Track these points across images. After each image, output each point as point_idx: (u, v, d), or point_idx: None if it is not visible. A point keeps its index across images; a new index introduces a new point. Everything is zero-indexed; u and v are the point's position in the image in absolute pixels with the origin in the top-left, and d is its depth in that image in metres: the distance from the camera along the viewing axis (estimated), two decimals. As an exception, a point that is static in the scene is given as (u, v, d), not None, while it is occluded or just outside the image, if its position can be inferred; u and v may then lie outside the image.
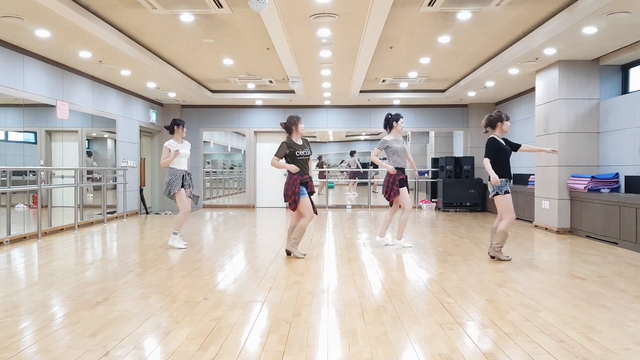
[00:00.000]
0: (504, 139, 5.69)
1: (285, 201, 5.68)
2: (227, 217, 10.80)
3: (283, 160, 5.71)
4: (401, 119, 6.52)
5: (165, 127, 6.65)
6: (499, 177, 5.47)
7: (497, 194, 5.54)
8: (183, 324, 3.33)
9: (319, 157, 19.99)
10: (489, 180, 5.53)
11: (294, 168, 5.58)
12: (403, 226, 6.44)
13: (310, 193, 5.72)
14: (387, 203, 6.68)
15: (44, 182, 7.90)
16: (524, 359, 2.75)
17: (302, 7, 5.86)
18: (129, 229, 8.65)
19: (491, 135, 5.67)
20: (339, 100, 12.71)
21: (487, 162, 5.53)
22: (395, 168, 6.33)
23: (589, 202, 7.43)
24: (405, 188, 6.38)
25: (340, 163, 24.72)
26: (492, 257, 5.64)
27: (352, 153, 18.17)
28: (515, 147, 5.73)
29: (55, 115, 8.17)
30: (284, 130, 5.81)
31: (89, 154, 9.87)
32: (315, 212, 5.67)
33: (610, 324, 3.36)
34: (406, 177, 6.44)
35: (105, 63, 8.23)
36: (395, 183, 6.28)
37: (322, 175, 17.21)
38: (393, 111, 13.38)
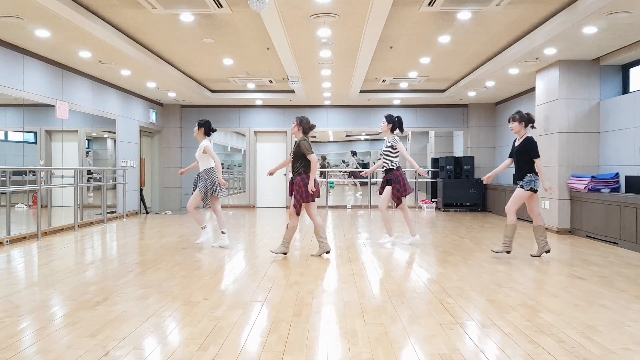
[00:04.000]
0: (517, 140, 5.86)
1: (312, 200, 5.75)
2: (227, 217, 10.79)
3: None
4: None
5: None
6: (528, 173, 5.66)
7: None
8: (183, 324, 3.33)
9: (323, 157, 20.00)
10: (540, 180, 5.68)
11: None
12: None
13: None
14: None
15: (43, 182, 7.90)
16: (524, 359, 2.75)
17: (302, 7, 5.85)
18: (128, 229, 8.64)
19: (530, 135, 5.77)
20: (339, 100, 12.70)
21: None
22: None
23: (589, 202, 7.43)
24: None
25: (342, 163, 24.78)
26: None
27: (354, 153, 18.20)
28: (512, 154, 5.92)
29: (55, 115, 8.16)
30: (300, 125, 5.84)
31: (87, 153, 9.91)
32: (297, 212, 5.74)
33: (611, 324, 3.36)
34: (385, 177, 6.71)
35: (105, 63, 8.23)
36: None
37: (324, 175, 17.23)
38: (393, 111, 13.39)
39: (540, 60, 7.94)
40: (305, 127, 5.82)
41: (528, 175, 5.65)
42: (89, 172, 9.60)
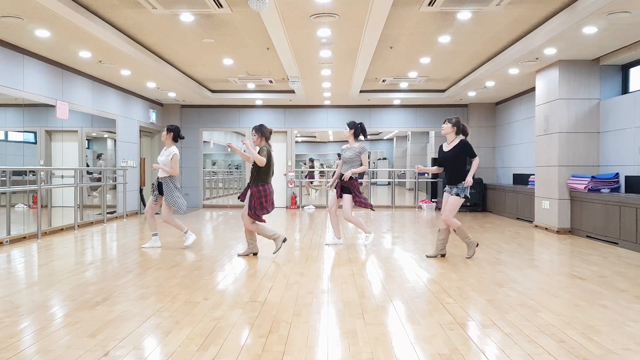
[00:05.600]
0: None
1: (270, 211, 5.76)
2: (227, 217, 10.80)
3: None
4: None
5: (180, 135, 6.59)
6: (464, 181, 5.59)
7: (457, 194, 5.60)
8: (183, 324, 3.33)
9: (310, 160, 20.06)
10: (465, 181, 5.59)
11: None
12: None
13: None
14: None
15: (43, 182, 7.90)
16: (524, 359, 2.75)
17: (302, 7, 5.85)
18: (128, 229, 8.64)
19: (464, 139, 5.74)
20: (339, 100, 12.71)
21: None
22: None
23: (589, 202, 7.43)
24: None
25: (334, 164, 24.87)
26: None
27: (340, 155, 18.34)
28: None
29: (55, 115, 8.16)
30: (262, 135, 5.77)
31: (99, 156, 9.94)
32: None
33: (611, 324, 3.36)
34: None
35: (105, 63, 8.23)
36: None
37: (311, 176, 17.31)
38: (393, 111, 13.37)
39: (540, 60, 7.94)
40: (267, 135, 5.77)
41: (462, 182, 5.57)
42: (99, 173, 9.63)
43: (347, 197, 6.50)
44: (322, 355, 2.79)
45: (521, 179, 10.59)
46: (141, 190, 11.72)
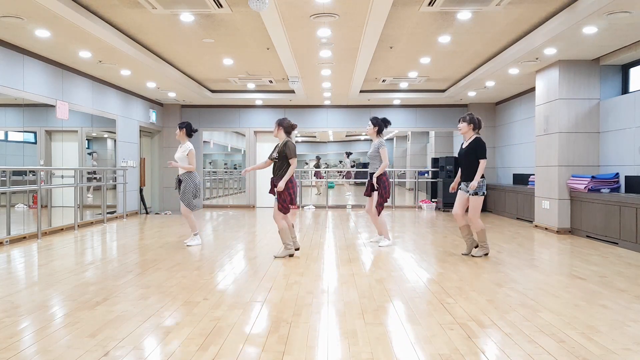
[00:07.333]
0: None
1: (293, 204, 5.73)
2: (227, 217, 10.80)
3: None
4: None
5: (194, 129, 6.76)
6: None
7: (476, 193, 5.61)
8: (183, 324, 3.33)
9: (317, 158, 20.07)
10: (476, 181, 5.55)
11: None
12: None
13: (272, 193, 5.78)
14: (386, 203, 6.59)
15: (43, 182, 7.90)
16: (524, 359, 2.75)
17: (302, 7, 5.85)
18: (128, 229, 8.64)
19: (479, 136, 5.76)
20: (339, 100, 12.71)
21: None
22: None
23: (589, 202, 7.43)
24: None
25: (340, 163, 24.90)
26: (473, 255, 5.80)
27: (348, 154, 18.37)
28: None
29: (55, 115, 8.16)
30: (280, 127, 5.81)
31: (91, 154, 9.94)
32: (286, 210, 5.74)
33: (611, 324, 3.36)
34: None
35: (105, 63, 8.23)
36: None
37: (319, 175, 17.33)
38: (393, 111, 13.37)
39: (540, 60, 7.94)
40: (287, 128, 5.80)
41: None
42: (93, 172, 9.63)
43: (374, 195, 6.47)
44: (322, 355, 2.79)
45: (521, 179, 10.59)
46: (141, 191, 11.72)
